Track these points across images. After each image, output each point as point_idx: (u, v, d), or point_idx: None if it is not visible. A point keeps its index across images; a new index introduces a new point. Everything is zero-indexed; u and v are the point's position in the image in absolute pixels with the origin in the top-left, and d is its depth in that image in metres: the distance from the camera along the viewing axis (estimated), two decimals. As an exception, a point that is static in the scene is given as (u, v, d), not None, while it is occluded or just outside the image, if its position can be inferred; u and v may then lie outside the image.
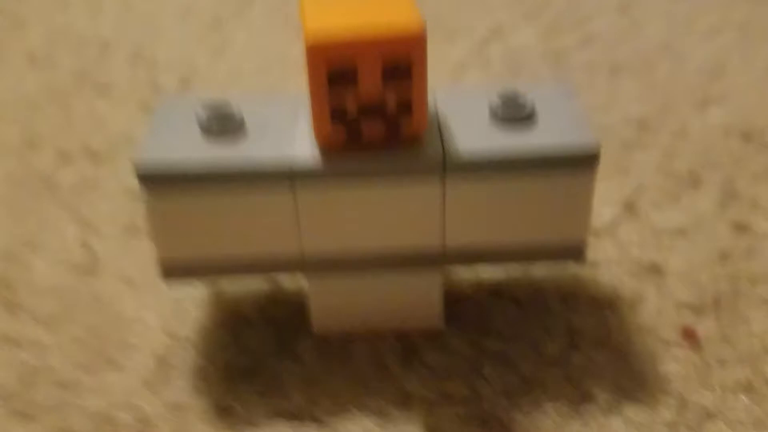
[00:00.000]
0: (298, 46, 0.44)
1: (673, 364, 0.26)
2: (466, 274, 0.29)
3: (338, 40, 0.21)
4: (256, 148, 0.24)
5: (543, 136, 0.24)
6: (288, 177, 0.23)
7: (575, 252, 0.25)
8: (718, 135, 0.35)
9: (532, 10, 0.46)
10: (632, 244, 0.30)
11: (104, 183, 0.34)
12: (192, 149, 0.23)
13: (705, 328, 0.27)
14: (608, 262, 0.29)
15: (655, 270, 0.29)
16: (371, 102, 0.22)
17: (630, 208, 0.32)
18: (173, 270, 0.25)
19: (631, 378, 0.25)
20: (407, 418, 0.24)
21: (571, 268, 0.29)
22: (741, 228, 0.31)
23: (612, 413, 0.24)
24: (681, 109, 0.37)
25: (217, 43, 0.45)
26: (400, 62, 0.21)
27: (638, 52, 0.42)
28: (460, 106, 0.25)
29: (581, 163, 0.23)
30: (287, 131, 0.24)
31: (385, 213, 0.24)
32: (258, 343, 0.27)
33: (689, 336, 0.26)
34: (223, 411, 0.25)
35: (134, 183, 0.33)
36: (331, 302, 0.27)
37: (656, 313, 0.27)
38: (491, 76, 0.41)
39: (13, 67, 0.43)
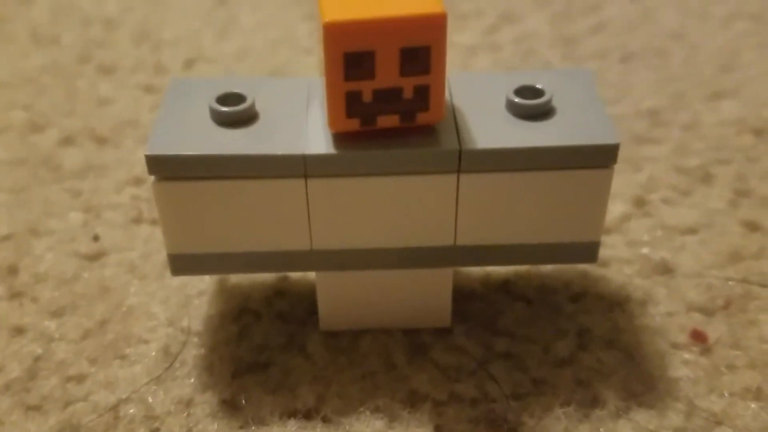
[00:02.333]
0: (304, 26, 0.44)
1: (683, 368, 0.26)
2: (474, 270, 0.29)
3: (357, 19, 0.20)
4: (268, 136, 0.23)
5: (561, 132, 0.23)
6: (300, 164, 0.23)
7: (588, 253, 0.25)
8: (729, 130, 0.35)
9: (542, -6, 0.45)
10: (642, 243, 0.30)
11: (108, 168, 0.34)
12: (203, 138, 0.23)
13: (715, 331, 0.27)
14: (618, 261, 0.29)
15: (665, 270, 0.29)
16: (387, 88, 0.22)
17: (640, 204, 0.31)
18: (183, 266, 0.25)
19: (640, 381, 0.25)
20: (417, 420, 0.24)
21: (580, 266, 0.29)
22: (752, 227, 0.30)
23: (621, 417, 0.24)
24: (693, 102, 0.37)
25: (222, 22, 0.44)
26: (420, 45, 0.21)
27: (650, 41, 0.42)
28: (475, 96, 0.24)
29: (600, 159, 0.23)
30: (299, 118, 0.24)
31: (397, 206, 0.24)
32: (266, 338, 0.27)
33: (699, 339, 0.26)
34: (230, 407, 0.25)
35: (138, 168, 0.34)
36: (340, 300, 0.26)
37: (666, 315, 0.27)
38: (501, 62, 0.40)
39: (17, 45, 0.42)
